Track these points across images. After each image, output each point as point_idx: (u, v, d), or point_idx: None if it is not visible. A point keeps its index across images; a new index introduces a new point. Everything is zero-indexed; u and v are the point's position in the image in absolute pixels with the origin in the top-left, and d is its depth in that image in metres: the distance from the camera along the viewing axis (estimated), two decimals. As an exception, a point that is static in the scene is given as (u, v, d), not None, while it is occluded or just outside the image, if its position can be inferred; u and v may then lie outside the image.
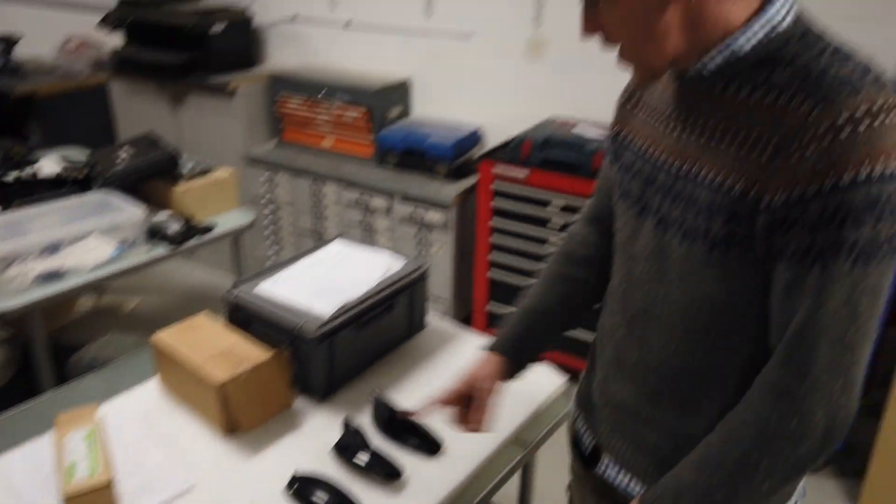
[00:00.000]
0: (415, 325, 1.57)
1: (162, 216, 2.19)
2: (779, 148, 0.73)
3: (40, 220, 2.06)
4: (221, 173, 2.40)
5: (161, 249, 2.11)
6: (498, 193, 2.50)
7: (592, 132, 2.47)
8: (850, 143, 0.68)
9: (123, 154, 2.30)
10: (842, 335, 0.73)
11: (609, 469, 1.01)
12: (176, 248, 2.13)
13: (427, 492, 1.10)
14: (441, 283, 2.82)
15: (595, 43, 0.85)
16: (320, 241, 2.95)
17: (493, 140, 2.95)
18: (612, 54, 0.84)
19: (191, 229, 2.19)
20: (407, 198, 2.76)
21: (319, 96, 3.01)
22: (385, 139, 2.89)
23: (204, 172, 2.38)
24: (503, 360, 1.08)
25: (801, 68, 0.74)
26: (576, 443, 1.10)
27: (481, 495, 1.14)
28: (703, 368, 0.87)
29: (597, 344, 1.06)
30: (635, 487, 0.97)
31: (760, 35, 0.77)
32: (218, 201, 2.38)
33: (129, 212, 2.07)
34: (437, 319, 1.63)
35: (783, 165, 0.72)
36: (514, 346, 1.09)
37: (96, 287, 2.03)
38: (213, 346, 1.27)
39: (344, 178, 2.91)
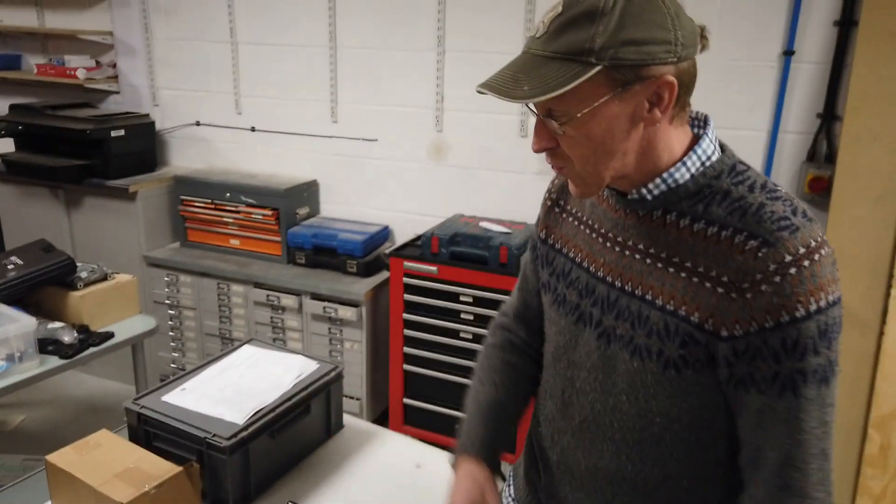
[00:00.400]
0: (331, 427, 1.53)
1: (54, 326, 2.06)
2: (731, 285, 0.77)
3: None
4: (121, 278, 2.31)
5: (53, 362, 1.98)
6: (409, 288, 2.54)
7: (496, 227, 2.58)
8: (797, 280, 0.73)
9: (12, 263, 2.18)
10: (823, 449, 0.79)
11: None
12: (70, 359, 2.00)
13: None
14: (356, 380, 2.77)
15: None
16: (228, 343, 2.85)
17: (401, 236, 3.02)
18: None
19: (87, 338, 2.07)
20: (317, 295, 2.75)
21: (225, 198, 2.99)
22: (294, 237, 2.90)
23: (102, 279, 2.28)
24: (483, 464, 1.03)
25: (738, 203, 0.79)
26: None
27: None
28: (658, 477, 0.88)
29: (539, 445, 1.05)
30: None
31: (697, 166, 0.82)
32: (117, 308, 2.27)
33: (19, 324, 1.94)
34: (353, 419, 1.60)
35: (739, 301, 0.76)
36: (488, 446, 1.05)
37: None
38: (114, 465, 1.19)
39: (252, 277, 2.87)
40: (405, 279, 2.53)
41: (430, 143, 2.91)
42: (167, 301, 3.09)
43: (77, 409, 3.13)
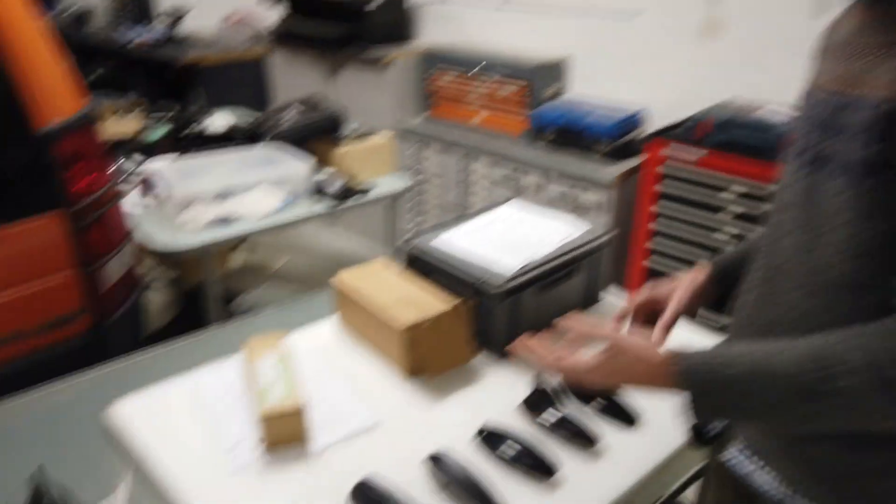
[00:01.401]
0: (591, 295, 1.47)
1: (325, 174, 2.21)
2: None
3: (213, 168, 2.14)
4: (380, 138, 2.41)
5: (324, 205, 2.13)
6: (665, 176, 2.34)
7: (777, 116, 2.26)
8: None
9: (291, 112, 2.36)
10: None
11: (736, 457, 0.89)
12: (338, 205, 2.14)
13: (625, 464, 0.99)
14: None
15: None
16: (465, 216, 2.90)
17: (656, 123, 2.78)
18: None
19: (351, 189, 2.20)
20: (563, 176, 2.65)
21: (474, 71, 2.96)
22: (540, 116, 2.80)
23: (364, 136, 2.39)
24: (711, 275, 1.02)
25: None
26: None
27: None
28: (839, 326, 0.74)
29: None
30: (767, 478, 0.84)
31: None
32: (376, 165, 2.38)
33: (297, 165, 2.11)
34: (611, 295, 1.52)
35: None
36: (727, 266, 1.02)
37: (263, 234, 2.07)
38: (395, 291, 1.23)
39: (496, 153, 2.85)
40: (662, 167, 2.34)
41: (701, 19, 2.58)
42: (412, 170, 3.21)
43: (332, 260, 3.44)
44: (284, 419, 0.97)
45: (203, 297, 2.04)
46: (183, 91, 3.75)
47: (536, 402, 1.07)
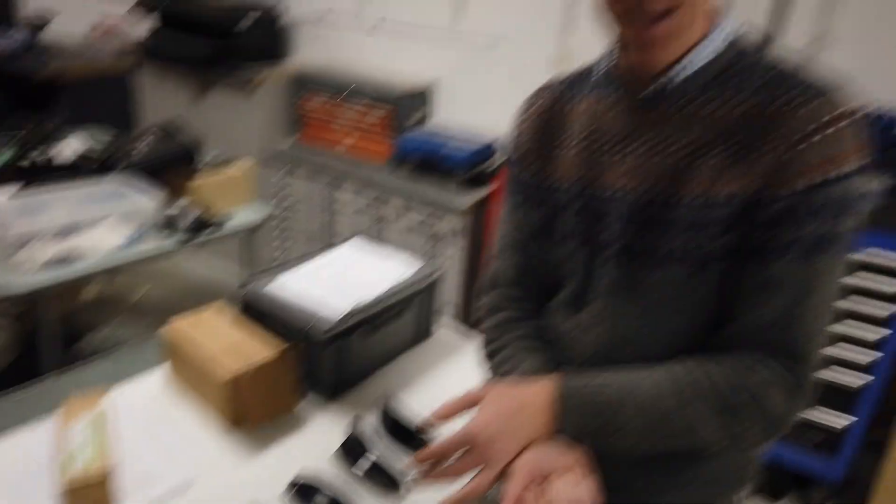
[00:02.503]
0: (423, 331, 1.56)
1: (178, 206, 2.19)
2: (780, 144, 0.73)
3: (56, 203, 2.07)
4: (240, 167, 2.40)
5: (174, 240, 2.11)
6: (513, 205, 2.49)
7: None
8: (848, 133, 0.72)
9: (144, 141, 2.31)
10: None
11: None
12: (189, 239, 2.13)
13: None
14: (450, 290, 2.81)
15: None
16: (330, 242, 2.94)
17: (510, 151, 2.95)
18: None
19: (205, 221, 2.19)
20: (422, 203, 2.76)
21: (342, 96, 3.01)
22: (404, 144, 2.89)
23: (224, 164, 2.38)
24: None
25: (771, 73, 0.76)
26: None
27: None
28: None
29: None
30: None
31: (721, 45, 0.79)
32: (234, 195, 2.38)
33: (146, 199, 2.07)
34: (444, 328, 1.61)
35: (791, 158, 0.73)
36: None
37: (106, 273, 2.02)
38: (223, 339, 1.26)
39: (360, 179, 2.91)
40: (510, 195, 2.48)
41: (555, 51, 2.76)
42: (278, 195, 3.21)
43: (192, 289, 3.37)
44: (89, 489, 0.95)
45: (40, 343, 1.97)
46: (41, 107, 3.55)
47: (351, 449, 1.13)
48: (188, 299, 3.23)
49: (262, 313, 1.36)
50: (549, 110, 0.98)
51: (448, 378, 1.43)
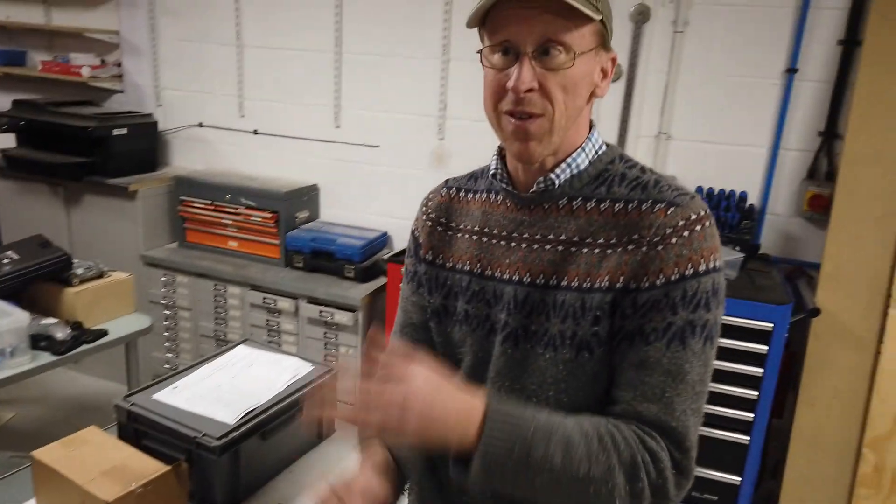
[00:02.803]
0: (324, 430, 1.52)
1: (48, 322, 2.05)
2: (644, 242, 0.83)
3: None
4: (117, 276, 2.30)
5: (45, 358, 1.97)
6: (406, 295, 2.52)
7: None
8: (702, 236, 0.83)
9: (8, 257, 2.17)
10: (697, 407, 0.84)
11: None
12: (62, 356, 1.99)
13: None
14: (350, 385, 2.76)
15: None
16: (223, 345, 2.83)
17: (400, 242, 3.02)
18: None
19: (80, 336, 2.06)
20: (314, 299, 2.74)
21: (225, 199, 2.99)
22: (293, 241, 2.89)
23: (98, 276, 2.27)
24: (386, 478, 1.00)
25: (636, 181, 0.88)
26: None
27: None
28: None
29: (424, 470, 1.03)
30: None
31: (593, 153, 0.91)
32: (113, 306, 2.27)
33: (11, 318, 1.93)
34: (342, 428, 1.58)
35: (651, 254, 0.82)
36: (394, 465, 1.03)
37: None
38: (101, 463, 1.17)
39: (249, 280, 2.86)
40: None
41: (431, 151, 2.91)
42: (163, 301, 3.08)
43: (68, 408, 3.11)
44: None
45: None
46: None
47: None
48: (66, 421, 2.97)
49: (146, 428, 1.29)
50: (448, 202, 1.05)
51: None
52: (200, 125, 3.37)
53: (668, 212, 0.83)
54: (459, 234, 0.99)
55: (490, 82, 0.86)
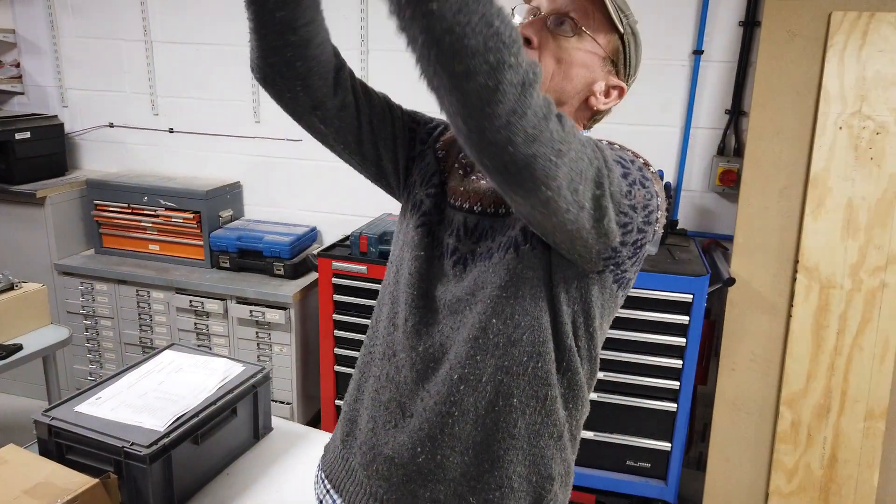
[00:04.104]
0: (260, 430, 1.50)
1: (-44, 340, 1.93)
2: None
3: None
4: (29, 287, 2.19)
5: (-46, 378, 1.85)
6: (338, 289, 2.51)
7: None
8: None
9: None
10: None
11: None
12: (-26, 375, 1.88)
13: None
14: (286, 384, 2.72)
15: None
16: (149, 352, 2.75)
17: (329, 237, 2.99)
18: None
19: (-8, 352, 1.95)
20: (244, 299, 2.68)
21: (143, 201, 2.88)
22: (218, 240, 2.81)
23: (8, 288, 2.15)
24: None
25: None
26: None
27: None
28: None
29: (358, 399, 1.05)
30: None
31: None
32: (26, 319, 2.15)
33: (-86, 338, 1.81)
34: (283, 422, 1.57)
35: None
36: None
37: None
38: (23, 482, 1.12)
39: (173, 283, 2.77)
40: (334, 280, 2.50)
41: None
42: (82, 311, 2.95)
43: (-16, 430, 2.94)
44: None
45: None
46: None
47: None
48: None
49: (70, 442, 1.24)
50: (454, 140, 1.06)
51: (288, 476, 1.38)
52: (111, 125, 3.22)
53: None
54: (455, 165, 1.02)
55: None
